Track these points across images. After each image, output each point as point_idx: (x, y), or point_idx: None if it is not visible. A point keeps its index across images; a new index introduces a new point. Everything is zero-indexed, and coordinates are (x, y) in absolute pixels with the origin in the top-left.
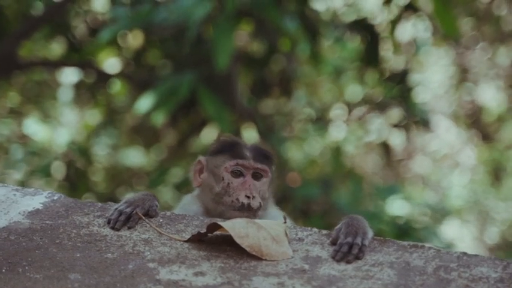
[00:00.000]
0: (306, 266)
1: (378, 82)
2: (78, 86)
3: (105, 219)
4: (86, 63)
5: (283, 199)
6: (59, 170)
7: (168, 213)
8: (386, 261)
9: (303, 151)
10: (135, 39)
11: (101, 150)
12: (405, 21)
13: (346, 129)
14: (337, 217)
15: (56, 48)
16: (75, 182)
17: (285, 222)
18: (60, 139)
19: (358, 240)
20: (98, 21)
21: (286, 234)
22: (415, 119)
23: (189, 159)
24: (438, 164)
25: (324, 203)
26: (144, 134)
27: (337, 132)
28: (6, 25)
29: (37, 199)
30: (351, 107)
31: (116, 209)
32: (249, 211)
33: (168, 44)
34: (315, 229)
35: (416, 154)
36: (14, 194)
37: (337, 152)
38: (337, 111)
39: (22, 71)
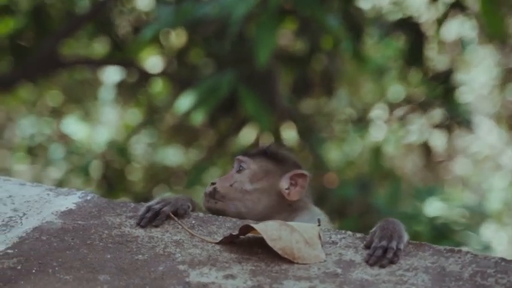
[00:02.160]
0: (339, 270)
1: (421, 81)
2: (120, 85)
3: (136, 220)
4: (128, 62)
5: (320, 200)
6: (97, 169)
7: (201, 214)
8: (421, 265)
9: (342, 151)
10: (177, 38)
11: (140, 150)
12: (451, 20)
13: (386, 130)
14: (374, 218)
15: (99, 47)
16: (113, 181)
17: (319, 225)
18: (99, 138)
19: (393, 244)
20: (142, 20)
21: (320, 237)
22: (458, 120)
23: (227, 159)
24: (479, 166)
25: (361, 204)
26: (183, 133)
27: (378, 132)
28: (49, 23)
29: (70, 199)
30: (392, 106)
31: (146, 205)
32: (204, 197)
33: (210, 42)
34: (349, 232)
35: (457, 155)
36: (48, 194)
37: (376, 152)
38: (378, 111)
39: (64, 69)
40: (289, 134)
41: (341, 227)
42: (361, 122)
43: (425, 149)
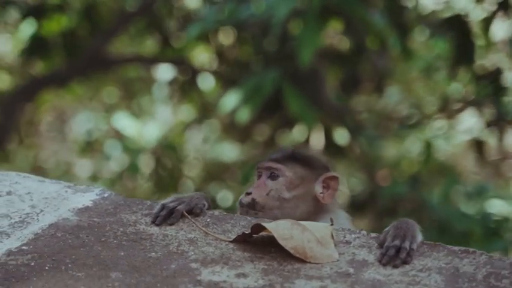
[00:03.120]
0: (351, 270)
1: (470, 80)
2: (172, 83)
3: (151, 218)
4: (179, 60)
5: (371, 197)
6: (148, 166)
7: (216, 212)
8: (434, 266)
9: (394, 149)
10: (226, 37)
11: (193, 146)
12: (500, 19)
13: (438, 127)
14: (427, 215)
15: (151, 44)
16: (165, 178)
17: (332, 225)
18: (150, 135)
19: (406, 244)
20: (190, 18)
21: (332, 236)
22: (508, 118)
23: None
24: None
25: (414, 201)
26: (238, 129)
27: (430, 130)
28: (100, 21)
29: (88, 196)
30: (443, 104)
31: (161, 203)
32: (241, 207)
33: (256, 41)
34: (363, 232)
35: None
36: (66, 191)
37: (428, 149)
38: (429, 109)
39: (116, 66)
40: (340, 132)
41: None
42: (413, 120)
43: (479, 146)
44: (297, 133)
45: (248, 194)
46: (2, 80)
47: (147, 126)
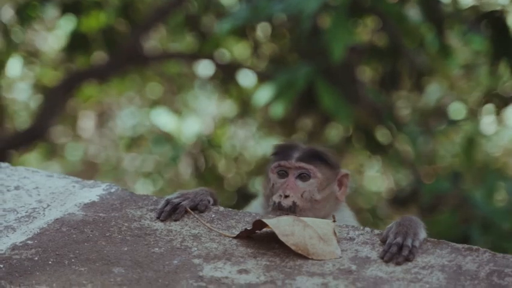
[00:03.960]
0: (353, 267)
1: (510, 76)
2: (212, 78)
3: (156, 214)
4: (217, 56)
5: (414, 194)
6: (188, 161)
7: (221, 208)
8: (437, 264)
9: (437, 145)
10: (261, 32)
11: (234, 142)
12: None
13: (481, 124)
14: (470, 212)
15: (190, 40)
16: (205, 173)
17: (334, 221)
18: (192, 130)
19: (409, 242)
20: (224, 14)
21: (335, 233)
22: None
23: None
24: None
25: (456, 197)
26: (280, 124)
27: (473, 126)
28: (138, 17)
29: (95, 191)
30: (486, 101)
31: (165, 199)
32: (280, 210)
33: (291, 36)
34: (367, 229)
35: None
36: (73, 186)
37: (470, 145)
38: (472, 105)
39: (155, 62)
40: (381, 129)
41: (435, 221)
42: (455, 116)
43: None
44: (338, 129)
45: (286, 196)
46: (45, 75)
47: (187, 122)
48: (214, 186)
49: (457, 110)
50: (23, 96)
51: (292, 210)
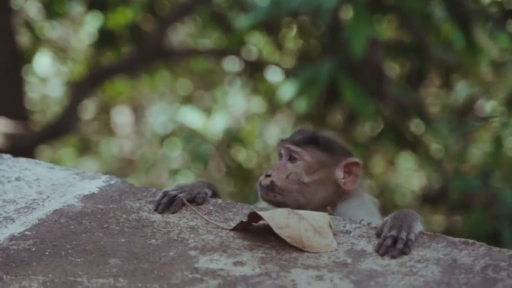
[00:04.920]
0: (349, 260)
1: None
2: (240, 74)
3: (154, 206)
4: (244, 52)
5: (443, 192)
6: (217, 158)
7: (220, 201)
8: (433, 257)
9: (466, 143)
10: (285, 27)
11: (264, 138)
12: None
13: (510, 121)
14: (500, 210)
15: (216, 36)
16: (233, 169)
17: (330, 214)
18: (217, 127)
19: (403, 235)
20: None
21: (331, 226)
22: None
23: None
24: None
25: (486, 195)
26: (310, 121)
27: (502, 123)
28: (162, 13)
29: (94, 183)
30: None
31: (162, 191)
32: (261, 189)
33: (315, 31)
34: (364, 222)
35: None
36: (74, 178)
37: (499, 143)
38: (501, 103)
39: (182, 58)
40: (407, 125)
41: (466, 220)
42: (483, 113)
43: None
44: (367, 126)
45: (268, 176)
46: (75, 70)
47: (215, 118)
48: (242, 182)
49: (486, 107)
50: (54, 92)
51: (270, 189)
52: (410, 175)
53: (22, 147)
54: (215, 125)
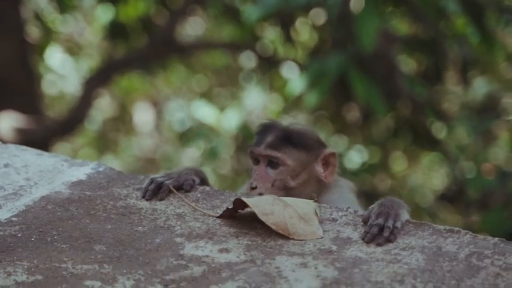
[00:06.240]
0: (334, 247)
1: None
2: (255, 70)
3: (141, 193)
4: (259, 47)
5: (460, 190)
6: (229, 153)
7: (207, 188)
8: (418, 245)
9: (485, 141)
10: (298, 21)
11: None
12: None
13: None
14: None
15: (229, 29)
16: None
17: (316, 201)
18: (231, 122)
19: (390, 223)
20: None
21: (316, 213)
22: None
23: (368, 142)
24: None
25: (504, 194)
26: (326, 117)
27: None
28: (174, 6)
29: (83, 170)
30: None
31: (149, 177)
32: None
33: (326, 26)
34: (350, 210)
35: None
36: (62, 164)
37: None
38: None
39: (196, 51)
40: (423, 123)
41: (483, 220)
42: (499, 110)
43: None
44: (383, 123)
45: (253, 188)
46: (87, 64)
47: (230, 114)
48: None
49: (506, 104)
50: (67, 86)
51: None
52: (430, 174)
53: (34, 141)
54: (230, 121)
